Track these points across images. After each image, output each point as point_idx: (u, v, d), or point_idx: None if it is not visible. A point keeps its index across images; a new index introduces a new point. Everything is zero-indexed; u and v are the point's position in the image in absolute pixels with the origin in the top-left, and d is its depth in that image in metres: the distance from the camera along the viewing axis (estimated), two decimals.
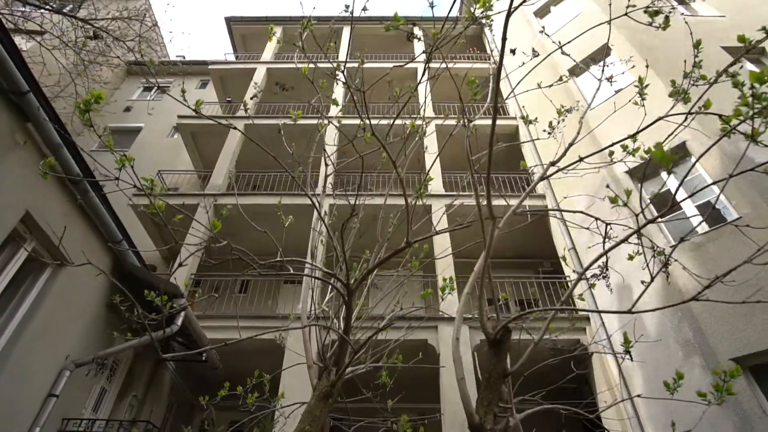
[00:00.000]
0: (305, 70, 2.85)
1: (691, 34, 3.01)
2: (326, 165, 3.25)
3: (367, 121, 2.56)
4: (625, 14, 2.89)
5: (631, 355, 2.39)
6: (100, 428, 5.94)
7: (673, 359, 6.03)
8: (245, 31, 17.50)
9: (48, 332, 5.17)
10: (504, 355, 1.77)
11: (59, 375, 5.30)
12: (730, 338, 5.51)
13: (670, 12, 2.94)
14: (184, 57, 20.28)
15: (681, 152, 7.31)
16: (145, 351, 7.22)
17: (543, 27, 4.03)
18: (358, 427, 3.18)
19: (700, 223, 6.52)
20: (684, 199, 2.80)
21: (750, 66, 8.95)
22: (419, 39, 2.57)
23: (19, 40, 12.84)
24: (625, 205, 2.41)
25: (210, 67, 15.17)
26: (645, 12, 2.78)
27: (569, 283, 9.81)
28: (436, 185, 11.25)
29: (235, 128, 2.60)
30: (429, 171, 4.12)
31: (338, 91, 14.15)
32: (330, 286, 3.89)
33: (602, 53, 9.99)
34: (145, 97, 17.73)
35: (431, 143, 12.32)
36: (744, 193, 6.20)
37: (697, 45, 2.51)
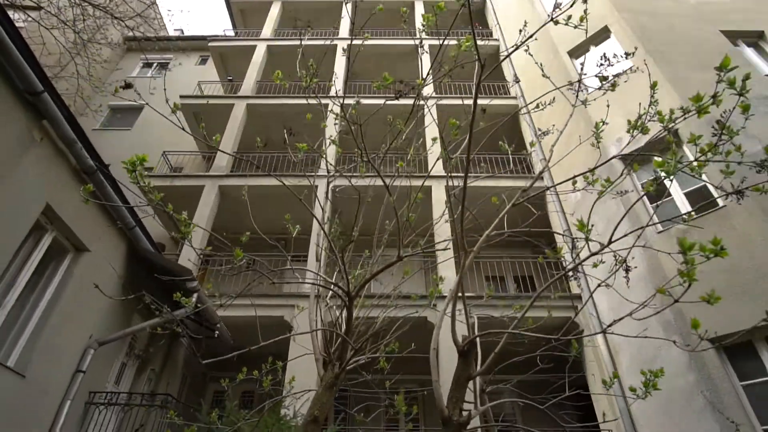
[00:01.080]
0: (309, 117, 3.08)
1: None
2: (327, 171, 3.51)
3: (365, 142, 2.82)
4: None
5: (578, 355, 2.73)
6: (122, 400, 6.44)
7: (656, 339, 6.43)
8: (244, 6, 17.29)
9: (73, 314, 5.57)
10: (470, 363, 2.11)
11: (84, 353, 5.74)
12: (707, 320, 5.88)
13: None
14: (182, 31, 20.08)
15: (674, 140, 7.50)
16: (161, 328, 7.65)
17: (527, 48, 4.20)
18: (359, 407, 3.58)
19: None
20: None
21: (748, 50, 8.98)
22: (405, 95, 2.76)
23: (17, 18, 12.80)
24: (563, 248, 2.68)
25: (210, 44, 15.10)
26: (596, 76, 2.98)
27: (563, 262, 10.15)
28: (436, 166, 11.45)
29: (234, 157, 2.85)
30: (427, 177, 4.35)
31: (339, 64, 14.12)
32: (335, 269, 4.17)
33: (602, 36, 10.01)
34: (145, 74, 17.69)
35: (431, 121, 12.44)
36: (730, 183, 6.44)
37: (653, 86, 2.73)
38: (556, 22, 2.55)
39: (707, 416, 5.39)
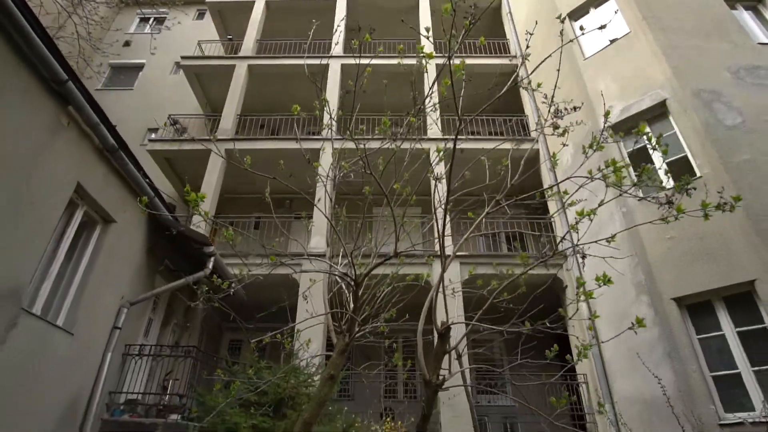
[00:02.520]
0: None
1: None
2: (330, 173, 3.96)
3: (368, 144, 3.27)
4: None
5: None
6: (151, 351, 7.28)
7: (627, 296, 7.15)
8: None
9: (106, 278, 6.24)
10: (446, 341, 2.70)
11: (119, 312, 6.47)
12: (674, 282, 6.57)
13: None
14: None
15: (659, 109, 7.81)
16: (182, 287, 8.40)
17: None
18: (364, 365, 4.26)
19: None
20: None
21: (745, 15, 9.03)
22: (402, 137, 3.15)
23: None
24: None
25: None
26: (549, 126, 3.30)
27: (552, 223, 10.74)
28: (433, 129, 11.75)
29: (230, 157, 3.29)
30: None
31: (339, 15, 13.97)
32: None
33: None
34: (142, 29, 17.45)
35: (430, 81, 12.54)
36: (708, 154, 6.87)
37: (606, 114, 3.14)
38: None
39: (665, 364, 6.19)
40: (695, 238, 6.56)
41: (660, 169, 7.57)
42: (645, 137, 5.76)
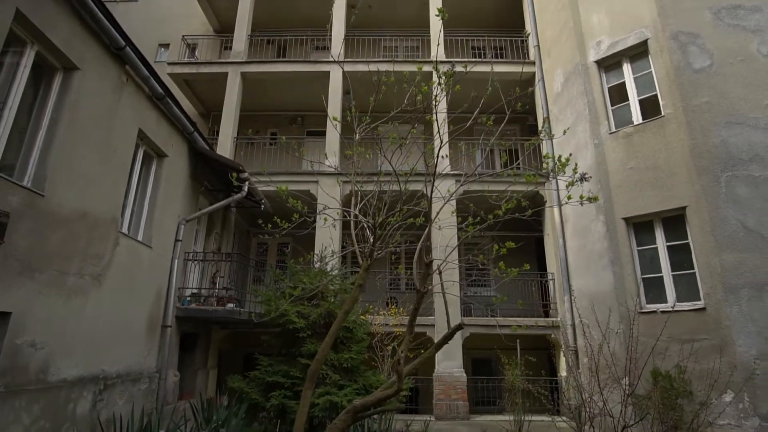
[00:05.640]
0: None
1: None
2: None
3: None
4: None
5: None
6: (200, 257, 9.08)
7: (589, 215, 8.68)
8: None
9: (166, 202, 7.76)
10: (430, 267, 4.20)
11: (178, 227, 8.12)
12: (626, 205, 8.03)
13: None
14: None
15: (641, 48, 8.53)
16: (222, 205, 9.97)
17: None
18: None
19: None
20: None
21: None
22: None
23: None
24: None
25: None
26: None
27: (542, 143, 11.85)
28: (438, 51, 12.27)
29: None
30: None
31: None
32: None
33: None
34: None
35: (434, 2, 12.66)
36: (672, 96, 7.84)
37: (546, 121, 4.23)
38: None
39: (608, 269, 7.94)
40: (650, 169, 7.87)
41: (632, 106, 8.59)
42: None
